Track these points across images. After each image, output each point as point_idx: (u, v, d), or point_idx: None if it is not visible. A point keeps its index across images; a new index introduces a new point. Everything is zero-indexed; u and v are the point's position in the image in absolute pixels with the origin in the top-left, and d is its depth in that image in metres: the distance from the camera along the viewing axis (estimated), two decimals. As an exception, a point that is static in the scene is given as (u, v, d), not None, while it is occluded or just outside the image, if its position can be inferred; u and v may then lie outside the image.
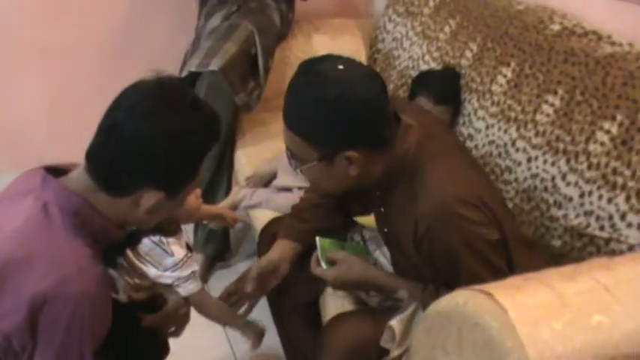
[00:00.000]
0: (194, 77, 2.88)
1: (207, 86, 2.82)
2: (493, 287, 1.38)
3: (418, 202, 1.71)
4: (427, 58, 2.90)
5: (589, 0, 2.45)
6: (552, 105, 2.21)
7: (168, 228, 1.85)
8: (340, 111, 1.65)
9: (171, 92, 1.55)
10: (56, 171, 1.60)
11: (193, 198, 1.88)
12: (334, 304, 2.13)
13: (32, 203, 1.53)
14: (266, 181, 2.76)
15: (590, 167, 2.04)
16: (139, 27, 3.70)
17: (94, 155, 1.55)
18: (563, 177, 2.11)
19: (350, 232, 2.25)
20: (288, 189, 2.60)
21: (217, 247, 3.05)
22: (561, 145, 2.14)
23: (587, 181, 2.04)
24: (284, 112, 1.73)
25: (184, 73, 2.89)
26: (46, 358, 1.47)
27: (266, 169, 2.78)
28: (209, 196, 2.82)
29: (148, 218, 1.62)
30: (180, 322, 2.01)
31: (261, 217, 2.55)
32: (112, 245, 1.66)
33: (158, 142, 1.50)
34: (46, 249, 1.49)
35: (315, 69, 1.71)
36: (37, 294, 1.43)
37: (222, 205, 2.71)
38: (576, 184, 2.07)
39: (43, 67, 3.63)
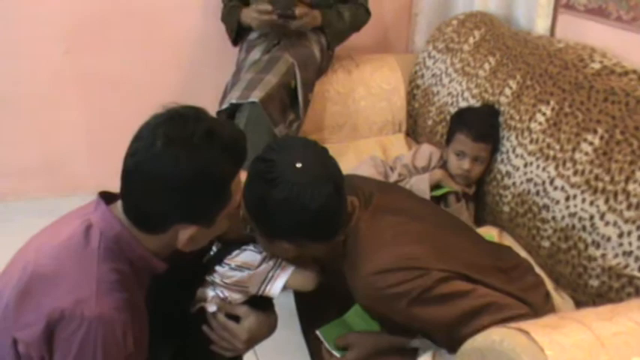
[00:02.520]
0: (234, 109, 2.92)
1: (247, 118, 2.84)
2: (529, 325, 1.38)
3: (355, 293, 1.82)
4: (466, 94, 2.91)
5: (630, 39, 2.45)
6: (591, 144, 2.20)
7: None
8: (282, 212, 1.68)
9: (182, 126, 1.53)
10: (111, 197, 1.63)
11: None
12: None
13: (80, 224, 1.57)
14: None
15: (629, 207, 2.02)
16: (180, 59, 3.76)
17: (123, 197, 1.58)
18: (602, 216, 2.10)
19: None
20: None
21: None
22: (600, 185, 2.13)
23: (627, 221, 2.02)
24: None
25: (225, 105, 2.92)
26: None
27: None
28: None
29: (189, 248, 1.63)
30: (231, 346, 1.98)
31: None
32: (201, 265, 1.77)
33: (178, 180, 1.50)
34: (74, 268, 1.52)
35: (274, 163, 1.71)
36: (55, 310, 1.46)
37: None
38: (615, 223, 2.06)
39: (85, 95, 3.69)
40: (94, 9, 3.52)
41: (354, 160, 3.13)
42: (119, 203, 1.61)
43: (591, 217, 2.13)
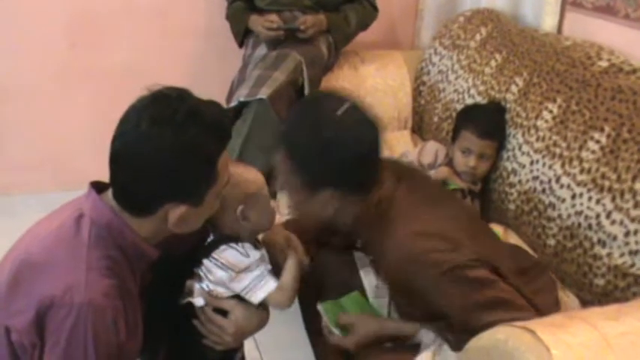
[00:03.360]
0: (241, 106, 2.92)
1: (255, 114, 2.85)
2: (535, 324, 1.37)
3: (384, 258, 1.79)
4: (472, 91, 2.90)
5: (637, 37, 2.45)
6: (598, 142, 2.20)
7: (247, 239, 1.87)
8: (330, 152, 1.71)
9: (166, 107, 1.55)
10: (102, 186, 1.65)
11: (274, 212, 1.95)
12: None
13: (71, 213, 1.59)
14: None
15: (636, 206, 2.02)
16: (186, 53, 3.76)
17: (112, 181, 1.59)
18: (608, 215, 2.09)
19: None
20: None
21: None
22: (607, 183, 2.12)
23: (633, 220, 2.02)
24: (283, 130, 1.82)
25: (233, 103, 2.92)
26: (52, 358, 1.50)
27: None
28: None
29: (180, 230, 1.64)
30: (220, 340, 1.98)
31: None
32: (189, 256, 1.75)
33: (164, 159, 1.52)
34: (64, 256, 1.53)
35: (319, 105, 1.80)
36: (46, 297, 1.47)
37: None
38: (621, 222, 2.05)
39: (91, 90, 3.70)
40: (99, 3, 3.52)
41: (361, 156, 3.13)
42: (110, 191, 1.62)
43: (597, 216, 2.13)
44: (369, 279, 2.16)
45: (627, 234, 2.03)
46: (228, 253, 1.82)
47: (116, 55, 3.64)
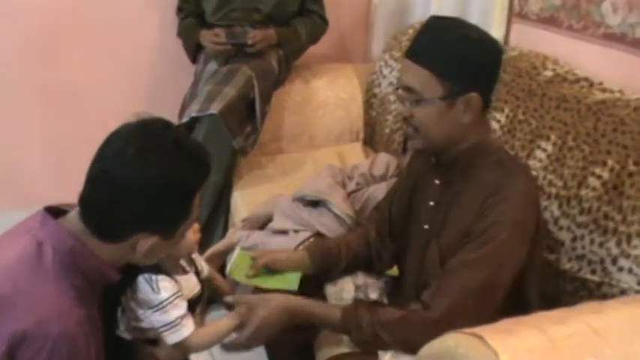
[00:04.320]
0: (193, 121, 2.92)
1: (206, 130, 2.86)
2: (484, 330, 1.40)
3: (506, 184, 1.77)
4: (422, 103, 2.93)
5: (580, 47, 2.51)
6: (545, 150, 2.24)
7: (168, 265, 1.81)
8: (479, 51, 1.76)
9: (155, 135, 1.54)
10: (57, 211, 1.62)
11: (191, 233, 1.87)
12: (328, 347, 2.13)
13: (28, 242, 1.54)
14: (262, 223, 2.76)
15: (582, 212, 2.06)
16: (139, 69, 3.75)
17: (85, 204, 1.56)
18: (556, 221, 2.13)
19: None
20: (284, 232, 2.60)
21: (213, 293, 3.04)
22: (553, 190, 2.16)
23: (579, 226, 2.06)
24: (413, 48, 1.81)
25: (185, 119, 2.92)
26: None
27: (262, 212, 2.79)
28: (206, 238, 2.83)
29: (146, 260, 1.63)
30: None
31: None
32: (113, 285, 1.66)
33: (147, 188, 1.51)
34: (31, 288, 1.49)
35: (452, 17, 1.88)
36: (17, 331, 1.43)
37: (218, 247, 2.71)
38: (568, 228, 2.09)
39: (44, 106, 3.65)
40: (50, 19, 3.49)
41: (313, 169, 3.15)
42: (70, 215, 1.59)
43: (545, 223, 2.17)
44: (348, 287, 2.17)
45: (574, 239, 2.07)
46: (141, 288, 1.75)
47: (68, 71, 3.60)
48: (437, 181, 1.93)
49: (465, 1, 3.20)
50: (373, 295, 2.18)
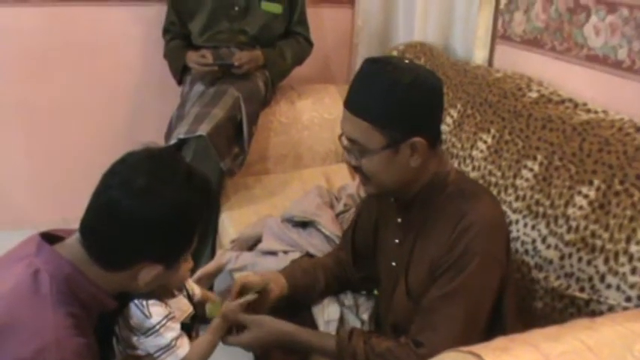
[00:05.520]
0: (180, 143, 2.93)
1: (194, 151, 2.86)
2: (480, 348, 1.41)
3: (468, 210, 1.76)
4: (408, 123, 2.95)
5: (564, 68, 2.54)
6: (531, 170, 2.27)
7: (158, 291, 1.81)
8: (413, 94, 1.71)
9: (164, 166, 1.55)
10: (53, 237, 1.61)
11: (184, 262, 1.88)
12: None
13: (24, 269, 1.53)
14: (250, 244, 2.76)
15: (569, 230, 2.09)
16: (124, 90, 3.76)
17: (88, 233, 1.55)
18: (544, 240, 2.16)
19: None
20: (273, 253, 2.61)
21: (201, 310, 3.03)
22: (541, 209, 2.19)
23: (567, 244, 2.09)
24: (350, 100, 1.78)
25: (173, 141, 2.93)
26: None
27: (250, 233, 2.79)
28: (194, 259, 2.83)
29: (145, 288, 1.64)
30: None
31: (247, 280, 2.56)
32: (106, 314, 1.66)
33: (155, 219, 1.51)
34: (29, 316, 1.48)
35: (384, 61, 1.80)
36: None
37: (207, 268, 2.71)
38: (556, 246, 2.12)
39: (25, 127, 3.67)
40: (35, 39, 3.50)
41: (300, 189, 3.17)
42: (68, 242, 1.59)
43: (533, 241, 2.19)
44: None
45: (562, 257, 2.09)
46: (132, 314, 1.75)
47: (51, 92, 3.62)
48: (399, 220, 1.94)
49: (448, 23, 3.24)
50: (364, 316, 2.19)
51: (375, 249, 2.09)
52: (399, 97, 1.71)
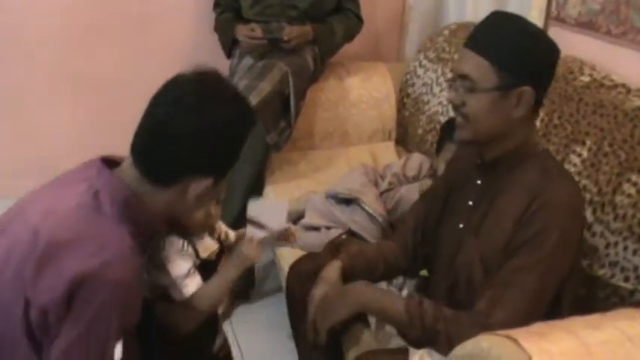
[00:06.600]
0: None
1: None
2: (518, 333, 1.40)
3: (550, 186, 1.77)
4: (456, 104, 2.93)
5: (618, 52, 2.49)
6: (580, 155, 2.24)
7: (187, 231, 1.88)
8: (537, 44, 1.78)
9: (213, 85, 1.63)
10: (112, 162, 1.66)
11: (213, 206, 1.93)
12: (356, 343, 2.14)
13: (85, 190, 1.59)
14: (294, 219, 2.78)
15: (616, 218, 2.05)
16: (173, 61, 3.74)
17: (140, 151, 1.61)
18: (589, 227, 2.13)
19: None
20: (315, 228, 2.62)
21: (241, 284, 3.06)
22: (588, 196, 2.16)
23: (613, 232, 2.05)
24: (473, 39, 1.82)
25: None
26: (72, 332, 1.48)
27: (294, 208, 2.80)
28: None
29: (194, 206, 1.69)
30: None
31: (288, 255, 2.57)
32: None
33: (206, 135, 1.57)
34: (94, 233, 1.53)
35: (513, 14, 1.87)
36: (79, 273, 1.45)
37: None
38: (602, 234, 2.09)
39: (77, 97, 3.70)
40: (87, 12, 3.53)
41: (345, 166, 3.17)
42: (123, 166, 1.64)
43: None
44: None
45: (607, 246, 2.06)
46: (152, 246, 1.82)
47: (104, 62, 3.65)
48: (479, 181, 1.93)
49: (501, 4, 3.19)
50: (405, 293, 2.19)
51: (442, 212, 2.07)
52: (523, 43, 1.76)
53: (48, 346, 1.51)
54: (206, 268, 1.91)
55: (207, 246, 1.94)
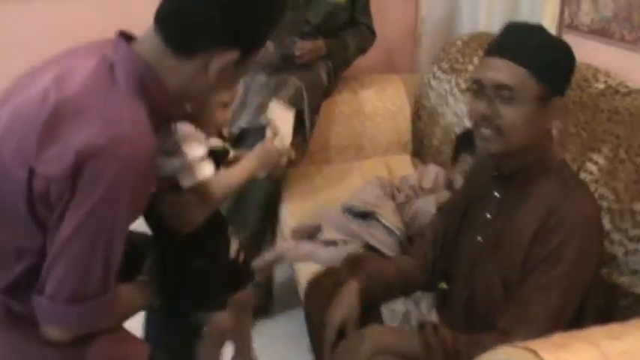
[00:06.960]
0: (242, 131, 2.95)
1: (257, 141, 2.87)
2: (538, 344, 1.39)
3: (567, 200, 1.74)
4: (471, 114, 2.92)
5: (633, 59, 2.48)
6: (596, 163, 2.22)
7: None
8: (567, 54, 1.77)
9: None
10: (130, 38, 1.59)
11: (221, 110, 1.90)
12: None
13: (100, 61, 1.52)
14: (311, 234, 2.78)
15: (634, 226, 2.04)
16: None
17: (166, 15, 1.53)
18: (607, 235, 2.11)
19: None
20: (333, 243, 2.62)
21: (261, 300, 3.05)
22: (605, 204, 2.14)
23: (632, 240, 2.04)
24: (503, 45, 1.75)
25: (236, 130, 2.95)
26: (78, 214, 1.41)
27: (311, 222, 2.81)
28: (254, 247, 2.86)
29: (214, 85, 1.57)
30: None
31: (305, 270, 2.56)
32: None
33: None
34: (106, 106, 1.45)
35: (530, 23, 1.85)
36: (88, 146, 1.39)
37: (267, 258, 2.74)
38: (621, 242, 2.07)
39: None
40: (92, 27, 3.53)
41: (360, 180, 3.16)
42: (143, 37, 1.56)
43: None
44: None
45: (626, 253, 2.05)
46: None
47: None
48: (496, 194, 1.91)
49: (513, 12, 3.19)
50: (423, 306, 2.18)
51: (461, 226, 2.04)
52: (558, 53, 1.75)
53: (52, 228, 1.44)
54: None
55: (214, 145, 1.90)
